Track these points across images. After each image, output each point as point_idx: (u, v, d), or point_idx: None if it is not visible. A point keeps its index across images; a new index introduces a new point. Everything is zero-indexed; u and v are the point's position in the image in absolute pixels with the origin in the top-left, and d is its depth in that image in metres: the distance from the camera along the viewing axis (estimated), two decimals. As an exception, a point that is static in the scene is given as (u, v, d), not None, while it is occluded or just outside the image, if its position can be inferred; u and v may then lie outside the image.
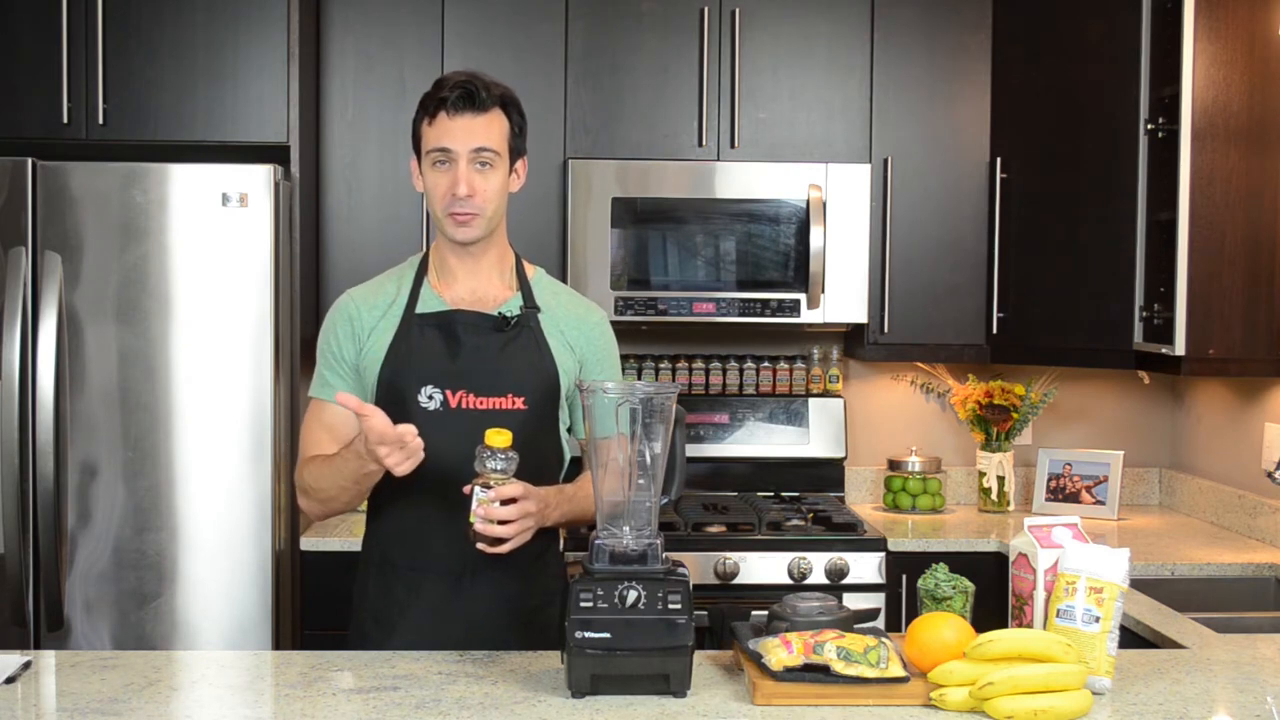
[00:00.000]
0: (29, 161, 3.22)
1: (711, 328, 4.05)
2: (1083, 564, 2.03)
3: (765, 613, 2.13)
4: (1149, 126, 3.39)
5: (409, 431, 2.04)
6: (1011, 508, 3.96)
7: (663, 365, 4.06)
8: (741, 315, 3.72)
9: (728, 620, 3.07)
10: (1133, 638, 2.58)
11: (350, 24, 3.73)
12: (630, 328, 3.94)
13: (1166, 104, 3.31)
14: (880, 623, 3.33)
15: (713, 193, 3.71)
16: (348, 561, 2.54)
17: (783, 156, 3.79)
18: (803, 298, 3.71)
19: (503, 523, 2.10)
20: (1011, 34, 3.82)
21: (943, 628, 1.99)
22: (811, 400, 4.05)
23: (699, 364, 4.07)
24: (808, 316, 3.72)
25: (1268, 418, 3.51)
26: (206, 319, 3.25)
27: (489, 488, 2.08)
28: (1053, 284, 3.72)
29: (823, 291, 3.71)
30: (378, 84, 3.73)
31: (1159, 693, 2.02)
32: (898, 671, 1.94)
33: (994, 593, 2.79)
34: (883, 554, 3.47)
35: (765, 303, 3.72)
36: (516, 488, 2.11)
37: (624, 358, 3.12)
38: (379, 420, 2.03)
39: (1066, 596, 2.02)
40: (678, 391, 2.04)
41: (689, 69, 3.77)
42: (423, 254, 2.43)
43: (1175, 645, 2.40)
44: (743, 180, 3.72)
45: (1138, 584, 2.89)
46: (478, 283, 2.37)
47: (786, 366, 4.08)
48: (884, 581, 3.46)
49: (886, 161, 3.81)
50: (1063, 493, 3.94)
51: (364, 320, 2.35)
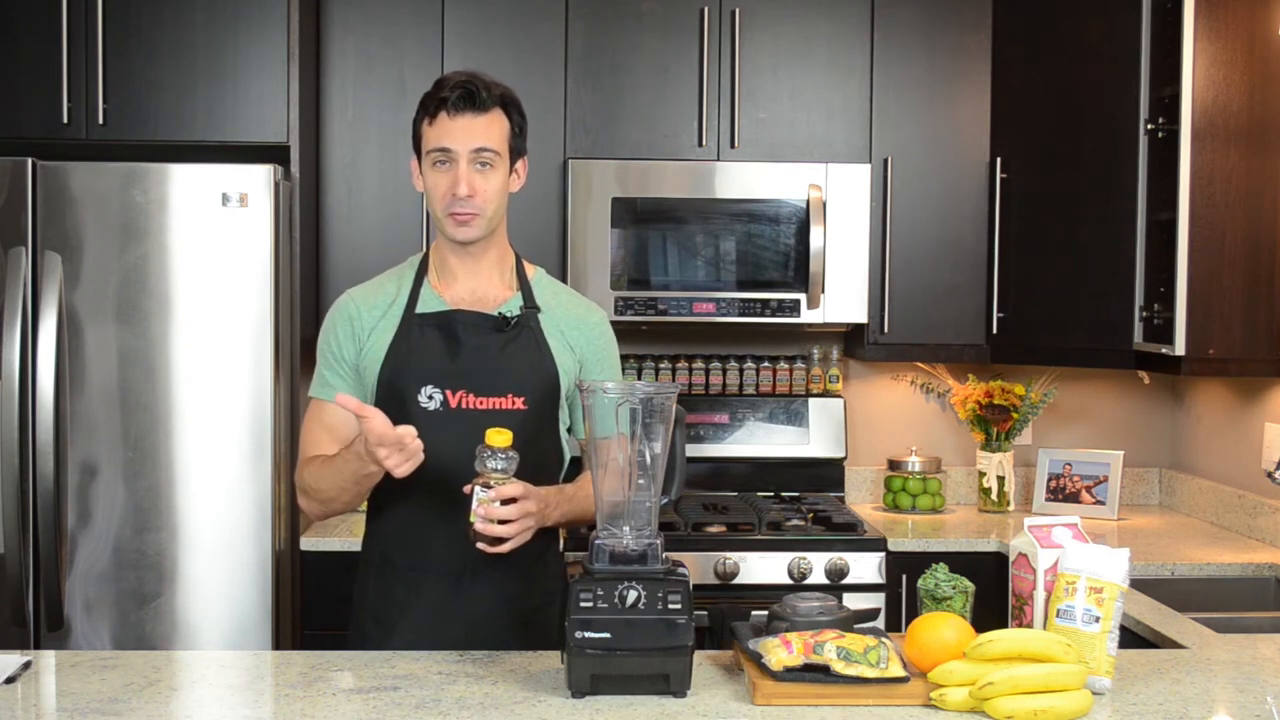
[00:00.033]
0: (29, 161, 3.22)
1: (711, 328, 4.05)
2: (1083, 564, 2.03)
3: (765, 613, 2.13)
4: (1149, 126, 3.39)
5: (409, 433, 2.04)
6: (1011, 508, 3.96)
7: (663, 365, 4.06)
8: (741, 315, 3.72)
9: (728, 620, 3.07)
10: (1133, 638, 2.58)
11: (350, 24, 3.73)
12: (630, 328, 3.94)
13: (1166, 104, 3.31)
14: (880, 623, 3.33)
15: (713, 193, 3.71)
16: (348, 561, 2.54)
17: (783, 156, 3.79)
18: (803, 298, 3.71)
19: (503, 522, 2.10)
20: (1011, 34, 3.82)
21: (943, 628, 1.99)
22: (811, 400, 4.05)
23: (699, 364, 4.07)
24: (808, 316, 3.72)
25: (1268, 418, 3.51)
26: (206, 319, 3.25)
27: (489, 487, 2.08)
28: (1053, 284, 3.72)
29: (823, 291, 3.71)
30: (378, 84, 3.73)
31: (1159, 693, 2.02)
32: (898, 671, 1.94)
33: (994, 593, 2.79)
34: (883, 554, 3.47)
35: (765, 303, 3.72)
36: (517, 487, 2.11)
37: (624, 358, 3.12)
38: (378, 422, 2.03)
39: (1066, 596, 2.02)
40: (678, 391, 2.04)
41: (689, 69, 3.77)
42: (423, 254, 2.43)
43: (1175, 645, 2.40)
44: (743, 180, 3.72)
45: (1138, 584, 2.89)
46: (478, 283, 2.37)
47: (786, 366, 4.08)
48: (884, 581, 3.46)
49: (886, 161, 3.81)
50: (1063, 493, 3.94)
51: (364, 320, 2.35)
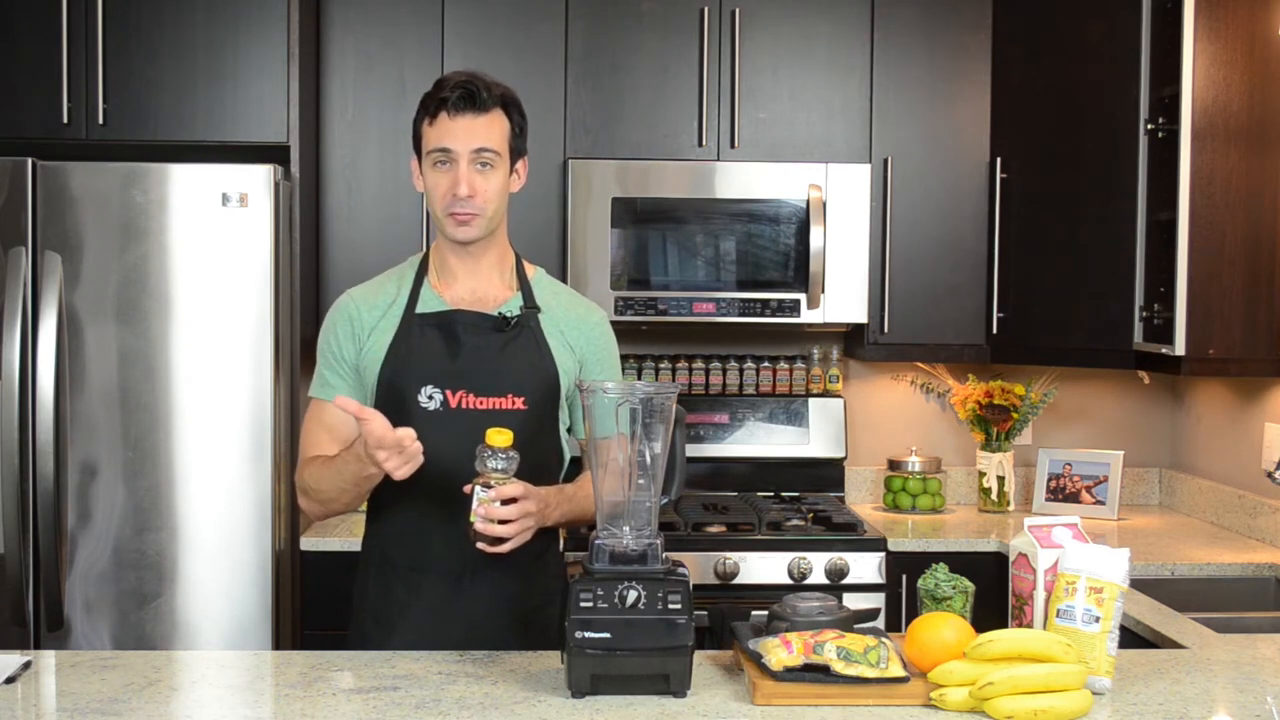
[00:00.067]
0: (29, 161, 3.22)
1: (711, 328, 4.05)
2: (1083, 564, 2.03)
3: (765, 613, 2.13)
4: (1149, 126, 3.39)
5: (408, 436, 2.04)
6: (1011, 508, 3.96)
7: (663, 365, 4.06)
8: (741, 315, 3.72)
9: (728, 620, 3.07)
10: (1133, 638, 2.58)
11: (350, 24, 3.73)
12: (630, 328, 3.94)
13: (1166, 104, 3.31)
14: (880, 623, 3.33)
15: (713, 193, 3.71)
16: (348, 561, 2.54)
17: (783, 156, 3.79)
18: (803, 298, 3.71)
19: (503, 522, 2.10)
20: (1011, 34, 3.82)
21: (943, 628, 1.99)
22: (811, 400, 4.05)
23: (699, 364, 4.07)
24: (808, 316, 3.72)
25: (1268, 418, 3.51)
26: (206, 319, 3.25)
27: (490, 487, 2.08)
28: (1053, 284, 3.72)
29: (823, 291, 3.71)
30: (378, 84, 3.73)
31: (1159, 693, 2.02)
32: (898, 671, 1.94)
33: (994, 593, 2.79)
34: (883, 554, 3.47)
35: (765, 303, 3.72)
36: (517, 487, 2.11)
37: (624, 358, 3.12)
38: (378, 425, 2.03)
39: (1066, 596, 2.02)
40: (678, 391, 2.04)
41: (689, 69, 3.77)
42: (423, 254, 2.43)
43: (1175, 645, 2.40)
44: (743, 180, 3.71)
45: (1138, 584, 2.89)
46: (478, 283, 2.37)
47: (786, 366, 4.08)
48: (884, 581, 3.46)
49: (886, 161, 3.81)
50: (1063, 493, 3.94)
51: (364, 320, 2.35)
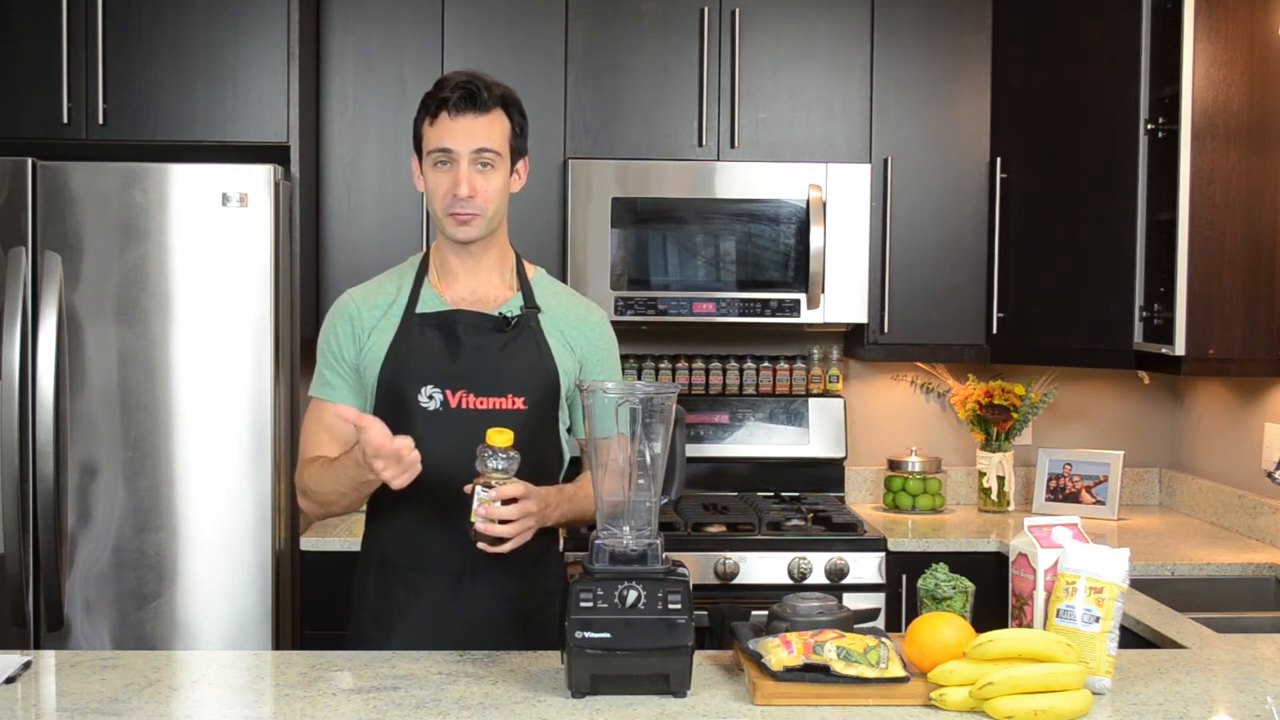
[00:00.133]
0: (29, 161, 3.22)
1: (711, 328, 4.05)
2: (1083, 564, 2.03)
3: (765, 613, 2.13)
4: (1149, 126, 3.39)
5: (406, 446, 2.03)
6: (1011, 508, 3.96)
7: (663, 365, 4.06)
8: (741, 315, 3.72)
9: (728, 620, 3.07)
10: (1133, 638, 2.58)
11: (350, 24, 3.73)
12: (630, 328, 3.94)
13: (1166, 104, 3.31)
14: (880, 623, 3.33)
15: (713, 193, 3.71)
16: (348, 561, 2.54)
17: (783, 156, 3.79)
18: (803, 298, 3.71)
19: (504, 522, 2.10)
20: (1011, 34, 3.82)
21: (943, 628, 1.99)
22: (811, 400, 4.05)
23: (699, 364, 4.07)
24: (808, 316, 3.72)
25: (1268, 418, 3.51)
26: (206, 319, 3.25)
27: (490, 487, 2.08)
28: (1053, 284, 3.72)
29: (823, 291, 3.71)
30: (378, 84, 3.73)
31: (1159, 693, 2.02)
32: (898, 671, 1.94)
33: (994, 593, 2.79)
34: (883, 554, 3.47)
35: (765, 303, 3.72)
36: (517, 487, 2.10)
37: (624, 358, 3.12)
38: (376, 433, 2.02)
39: (1066, 596, 2.02)
40: (678, 391, 2.04)
41: (689, 69, 3.77)
42: (423, 254, 2.43)
43: (1175, 645, 2.40)
44: (743, 180, 3.71)
45: (1138, 584, 2.89)
46: (478, 283, 2.37)
47: (786, 366, 4.08)
48: (884, 581, 3.46)
49: (886, 161, 3.81)
50: (1063, 493, 3.94)
51: (364, 320, 2.35)
